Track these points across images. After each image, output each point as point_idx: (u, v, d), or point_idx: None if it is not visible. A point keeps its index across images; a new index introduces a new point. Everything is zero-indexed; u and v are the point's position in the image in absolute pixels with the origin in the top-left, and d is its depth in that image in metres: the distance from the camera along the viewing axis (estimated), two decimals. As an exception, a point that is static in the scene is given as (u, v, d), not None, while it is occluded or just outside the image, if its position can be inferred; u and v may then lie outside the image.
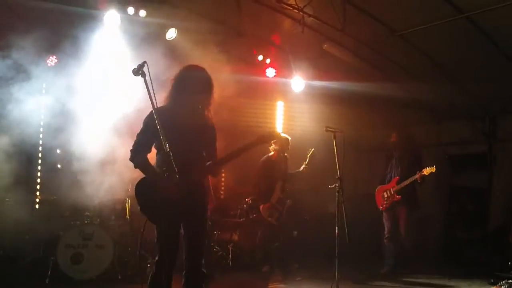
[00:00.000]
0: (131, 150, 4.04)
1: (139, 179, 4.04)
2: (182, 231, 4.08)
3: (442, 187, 9.37)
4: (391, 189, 7.61)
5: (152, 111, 3.69)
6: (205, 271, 4.24)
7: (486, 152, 9.21)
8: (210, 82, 4.22)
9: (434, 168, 7.08)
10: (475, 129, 9.27)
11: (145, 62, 3.60)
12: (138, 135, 4.07)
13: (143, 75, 3.58)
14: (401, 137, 7.88)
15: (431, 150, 9.33)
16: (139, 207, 4.05)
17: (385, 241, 7.72)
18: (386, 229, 7.70)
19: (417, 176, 7.22)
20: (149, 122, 3.95)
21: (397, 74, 8.50)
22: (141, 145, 4.04)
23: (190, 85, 4.13)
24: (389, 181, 7.74)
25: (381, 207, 7.74)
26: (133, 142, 4.06)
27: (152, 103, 3.54)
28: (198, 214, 4.09)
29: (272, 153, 7.73)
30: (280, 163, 7.67)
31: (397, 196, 7.52)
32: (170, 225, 3.92)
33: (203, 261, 4.16)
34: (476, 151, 9.35)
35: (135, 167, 4.04)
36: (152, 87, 3.56)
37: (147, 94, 3.54)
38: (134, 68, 3.58)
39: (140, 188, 4.03)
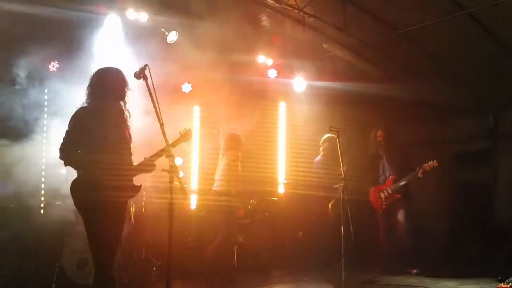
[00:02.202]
0: (60, 149, 4.05)
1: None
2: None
3: (446, 184, 9.32)
4: (388, 189, 7.45)
5: (79, 109, 4.01)
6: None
7: (490, 148, 9.20)
8: (126, 84, 4.26)
9: (437, 163, 6.97)
10: (479, 125, 9.24)
11: (146, 65, 3.61)
12: (68, 134, 4.07)
13: (145, 78, 3.60)
14: (388, 135, 7.69)
15: (435, 148, 9.29)
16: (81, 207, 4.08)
17: (382, 241, 7.57)
18: (382, 230, 7.55)
19: (418, 171, 7.09)
20: (78, 120, 4.04)
21: (399, 72, 8.50)
22: (73, 144, 4.04)
23: (109, 89, 4.20)
24: (384, 181, 7.59)
25: (379, 209, 7.56)
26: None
27: (154, 105, 3.55)
28: (122, 214, 4.22)
29: (322, 153, 8.07)
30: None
31: (397, 195, 7.39)
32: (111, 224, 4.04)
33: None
34: (480, 147, 9.33)
35: (68, 164, 4.07)
36: (154, 89, 3.57)
37: (149, 97, 3.55)
38: (136, 71, 3.59)
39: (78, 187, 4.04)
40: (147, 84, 3.56)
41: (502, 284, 6.03)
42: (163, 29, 7.31)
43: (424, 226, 8.38)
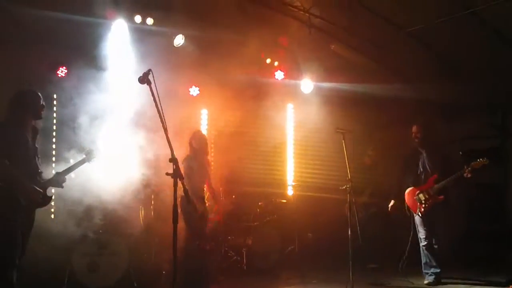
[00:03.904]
0: None
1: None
2: None
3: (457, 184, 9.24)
4: (429, 190, 6.62)
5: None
6: None
7: (499, 147, 9.12)
8: (42, 105, 4.83)
9: (487, 160, 6.24)
10: (487, 124, 9.18)
11: (150, 70, 3.63)
12: None
13: (149, 83, 3.62)
14: (425, 131, 6.84)
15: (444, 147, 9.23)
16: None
17: (423, 248, 6.75)
18: (423, 235, 6.72)
19: (465, 171, 6.29)
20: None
21: (406, 72, 8.47)
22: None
23: (27, 109, 4.70)
24: (425, 181, 6.75)
25: (418, 212, 6.70)
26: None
27: (158, 110, 3.57)
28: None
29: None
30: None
31: (440, 197, 6.57)
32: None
33: None
34: (489, 146, 9.25)
35: None
36: (158, 94, 3.59)
37: (153, 102, 3.57)
38: (140, 76, 3.62)
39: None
40: (151, 89, 3.58)
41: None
42: (169, 33, 7.34)
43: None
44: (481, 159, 6.26)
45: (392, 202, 7.07)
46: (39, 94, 4.83)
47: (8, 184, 4.38)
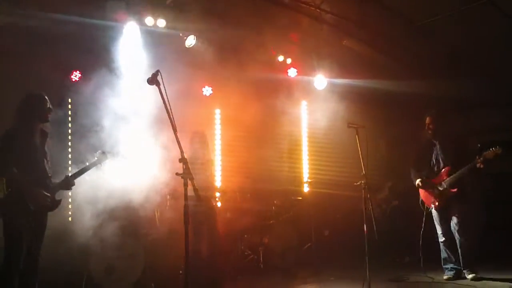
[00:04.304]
0: None
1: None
2: None
3: (476, 176, 9.10)
4: (443, 183, 6.38)
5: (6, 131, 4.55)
6: None
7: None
8: (49, 108, 4.87)
9: (500, 149, 5.92)
10: (505, 116, 9.04)
11: (158, 71, 3.64)
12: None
13: (158, 84, 3.63)
14: (438, 121, 6.59)
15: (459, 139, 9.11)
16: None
17: (441, 244, 6.59)
18: (440, 230, 6.54)
19: (478, 161, 6.03)
20: (6, 140, 4.54)
21: (420, 66, 8.36)
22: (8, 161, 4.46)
23: (34, 113, 4.77)
24: (438, 173, 6.53)
25: (433, 206, 6.50)
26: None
27: (167, 111, 3.58)
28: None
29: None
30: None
31: (453, 190, 6.30)
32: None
33: None
34: (508, 138, 9.10)
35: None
36: (167, 95, 3.59)
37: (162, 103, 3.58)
38: (149, 78, 3.64)
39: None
40: (159, 90, 3.59)
41: None
42: (181, 34, 7.35)
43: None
44: (493, 148, 5.97)
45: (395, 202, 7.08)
46: (46, 97, 4.87)
47: (16, 190, 4.45)
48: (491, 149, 5.98)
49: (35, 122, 4.81)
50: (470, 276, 6.34)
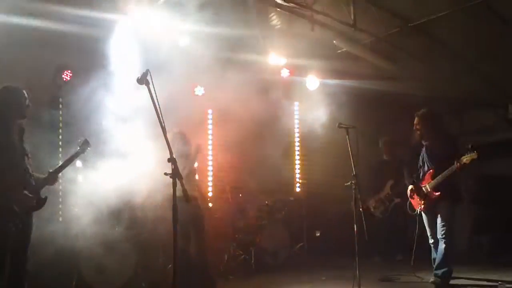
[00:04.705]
0: None
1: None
2: None
3: (470, 177, 9.13)
4: (427, 186, 6.29)
5: None
6: None
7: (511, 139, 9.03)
8: (27, 105, 4.60)
9: (476, 154, 5.77)
10: (498, 116, 9.08)
11: (148, 70, 3.63)
12: None
13: (147, 83, 3.62)
14: (425, 121, 6.42)
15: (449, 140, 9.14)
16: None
17: (431, 246, 6.48)
18: (429, 232, 6.43)
19: (456, 166, 5.89)
20: None
21: (414, 66, 8.37)
22: None
23: (11, 109, 4.49)
24: (423, 176, 6.43)
25: (419, 209, 6.43)
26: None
27: (156, 111, 3.56)
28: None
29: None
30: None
31: (435, 193, 6.17)
32: None
33: None
34: (501, 139, 9.16)
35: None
36: (156, 95, 3.58)
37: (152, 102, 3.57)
38: (138, 77, 3.63)
39: None
40: (149, 90, 3.58)
41: None
42: (175, 33, 7.33)
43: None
44: (469, 154, 5.82)
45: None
46: (25, 92, 4.60)
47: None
48: (467, 154, 5.86)
49: (13, 118, 4.49)
50: (431, 280, 6.29)
